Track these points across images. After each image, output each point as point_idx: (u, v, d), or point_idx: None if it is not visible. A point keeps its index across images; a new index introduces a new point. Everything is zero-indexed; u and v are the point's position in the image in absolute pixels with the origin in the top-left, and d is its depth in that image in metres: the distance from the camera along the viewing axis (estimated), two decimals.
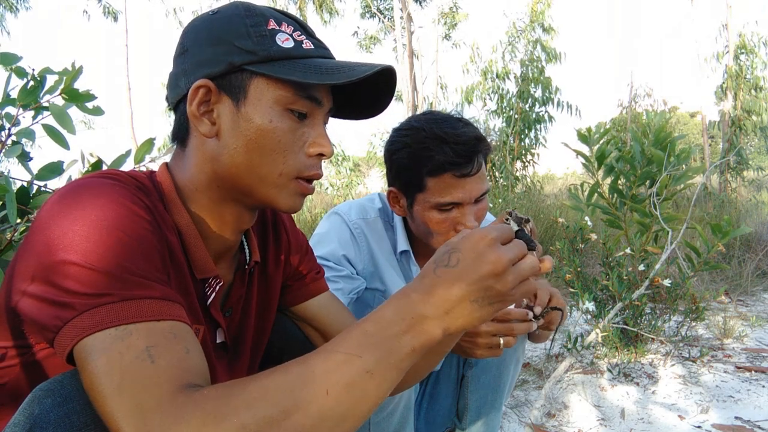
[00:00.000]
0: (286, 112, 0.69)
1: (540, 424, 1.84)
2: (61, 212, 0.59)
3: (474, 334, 1.04)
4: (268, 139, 0.69)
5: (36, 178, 1.26)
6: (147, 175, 0.73)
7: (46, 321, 0.55)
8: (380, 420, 1.15)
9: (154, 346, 0.54)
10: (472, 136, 1.17)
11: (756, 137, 8.57)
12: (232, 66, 0.68)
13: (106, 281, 0.55)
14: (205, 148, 0.71)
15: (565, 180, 10.44)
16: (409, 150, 1.18)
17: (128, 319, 0.54)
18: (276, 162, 0.70)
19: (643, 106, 8.74)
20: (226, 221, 0.75)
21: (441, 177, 1.15)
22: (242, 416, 0.49)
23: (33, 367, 0.65)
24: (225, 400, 0.50)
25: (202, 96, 0.69)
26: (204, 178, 0.72)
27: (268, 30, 0.69)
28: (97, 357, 0.52)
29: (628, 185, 2.62)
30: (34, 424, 0.52)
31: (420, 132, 1.18)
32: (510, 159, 6.73)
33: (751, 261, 3.97)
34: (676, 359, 2.41)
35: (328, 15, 14.80)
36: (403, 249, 1.32)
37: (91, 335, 0.53)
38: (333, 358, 0.54)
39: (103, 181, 0.63)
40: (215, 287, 0.76)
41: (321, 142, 0.72)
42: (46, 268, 0.56)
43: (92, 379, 0.52)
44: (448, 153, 1.13)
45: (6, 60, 1.23)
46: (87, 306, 0.54)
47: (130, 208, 0.61)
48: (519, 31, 7.14)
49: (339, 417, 0.53)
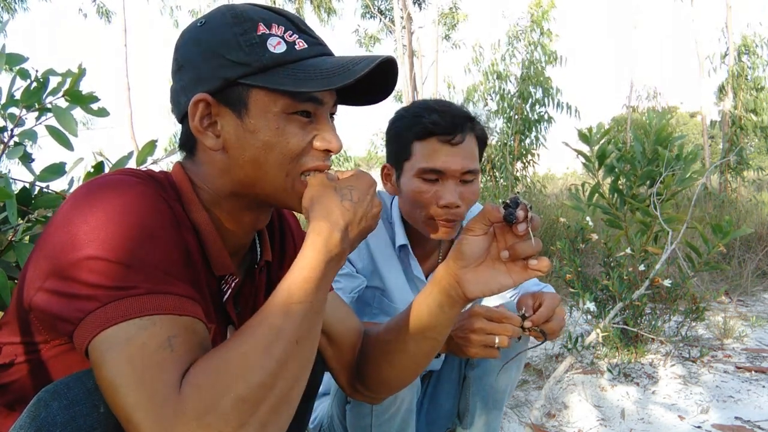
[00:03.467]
0: (291, 116, 0.69)
1: (540, 424, 1.85)
2: (85, 210, 0.59)
3: (469, 330, 1.04)
4: (277, 146, 0.69)
5: (38, 179, 1.26)
6: (163, 174, 0.73)
7: (67, 313, 0.56)
8: (383, 422, 1.15)
9: (176, 336, 0.55)
10: (463, 111, 1.25)
11: (756, 137, 8.57)
12: (227, 81, 0.67)
13: (131, 275, 0.57)
14: (216, 162, 0.72)
15: (565, 180, 10.43)
16: (403, 119, 1.27)
17: (153, 311, 0.56)
18: (284, 165, 0.70)
19: (643, 107, 8.74)
20: (244, 222, 0.76)
21: (427, 141, 1.22)
22: (238, 389, 0.53)
23: (40, 366, 0.65)
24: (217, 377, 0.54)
25: (203, 110, 0.69)
26: (223, 188, 0.73)
27: (258, 36, 0.67)
28: (119, 347, 0.53)
29: (629, 185, 2.62)
30: (41, 426, 0.52)
31: (414, 106, 1.28)
32: (510, 159, 6.72)
33: (751, 261, 3.97)
34: (676, 359, 2.42)
35: (326, 14, 14.79)
36: (401, 243, 1.33)
37: (113, 326, 0.54)
38: (294, 310, 0.61)
39: (126, 179, 0.64)
40: (231, 284, 0.77)
41: (327, 138, 0.72)
42: (67, 264, 0.57)
43: (112, 370, 0.52)
44: (435, 118, 1.20)
45: (11, 61, 1.23)
46: (112, 297, 0.55)
47: (153, 206, 0.62)
48: (520, 32, 7.14)
49: (308, 360, 0.62)
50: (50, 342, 0.64)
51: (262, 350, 0.57)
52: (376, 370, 0.89)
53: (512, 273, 0.76)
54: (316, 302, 0.64)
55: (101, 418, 0.54)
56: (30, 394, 0.56)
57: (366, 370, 0.90)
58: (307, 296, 0.62)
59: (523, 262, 0.75)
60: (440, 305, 0.80)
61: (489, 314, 1.04)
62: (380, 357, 0.88)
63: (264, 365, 0.56)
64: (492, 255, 0.77)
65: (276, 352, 0.57)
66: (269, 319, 0.59)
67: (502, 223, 0.73)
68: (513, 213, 0.72)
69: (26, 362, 0.65)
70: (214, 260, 0.73)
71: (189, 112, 0.69)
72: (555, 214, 2.58)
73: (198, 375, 0.54)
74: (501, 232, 0.76)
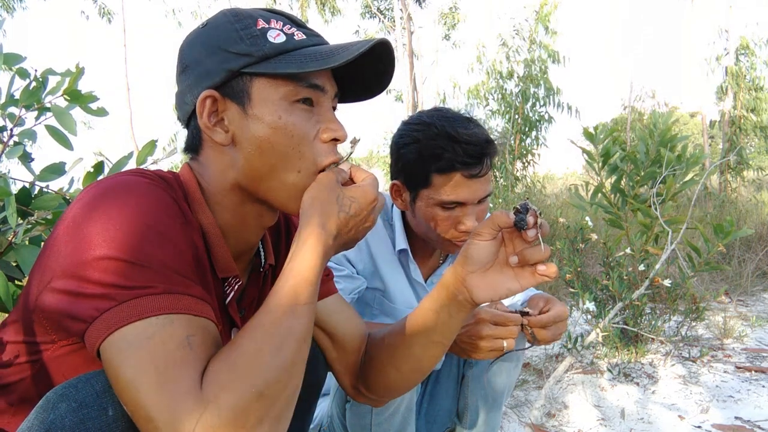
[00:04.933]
0: (294, 104, 0.70)
1: (540, 424, 1.85)
2: (96, 210, 0.59)
3: (476, 337, 1.04)
4: (281, 136, 0.69)
5: (38, 179, 1.26)
6: (172, 175, 0.74)
7: (80, 312, 0.56)
8: (382, 421, 1.15)
9: (194, 335, 0.56)
10: (483, 137, 1.17)
11: (756, 137, 8.57)
12: (231, 72, 0.69)
13: (147, 275, 0.57)
14: (223, 157, 0.72)
15: (565, 180, 10.43)
16: (419, 145, 1.18)
17: (171, 309, 0.56)
18: (292, 158, 0.70)
19: (644, 107, 8.74)
20: (247, 223, 0.76)
21: (449, 175, 1.16)
22: (258, 386, 0.55)
23: (46, 366, 0.65)
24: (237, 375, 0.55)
25: (210, 106, 0.70)
26: (227, 184, 0.73)
27: (258, 30, 0.70)
28: (138, 345, 0.53)
29: (631, 185, 2.62)
30: (49, 429, 0.52)
31: (431, 128, 1.18)
32: (510, 159, 6.72)
33: (751, 261, 3.97)
34: (676, 359, 2.42)
35: (330, 14, 14.80)
36: (401, 248, 1.32)
37: (130, 324, 0.54)
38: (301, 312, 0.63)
39: (137, 179, 0.64)
40: (234, 286, 0.77)
41: (333, 126, 0.72)
42: (80, 264, 0.57)
43: (132, 368, 0.52)
44: (458, 153, 1.14)
45: (9, 60, 1.23)
46: (128, 296, 0.55)
47: (164, 206, 0.63)
48: (523, 31, 7.14)
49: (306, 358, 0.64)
50: (57, 342, 0.64)
51: (276, 348, 0.58)
52: (382, 373, 0.89)
53: (520, 278, 0.76)
54: (314, 303, 0.65)
55: (110, 421, 0.53)
56: (34, 394, 0.56)
57: (371, 374, 0.90)
58: (310, 297, 0.64)
59: (531, 268, 0.75)
60: (447, 309, 0.80)
61: (495, 319, 1.04)
62: (386, 361, 0.88)
63: (278, 363, 0.58)
64: (500, 260, 0.77)
65: (288, 350, 0.59)
66: (280, 318, 0.61)
67: (512, 228, 0.74)
68: (524, 219, 0.72)
69: (31, 362, 0.65)
70: (217, 261, 0.73)
71: (197, 110, 0.70)
72: (555, 214, 2.58)
73: (218, 373, 0.54)
74: (509, 237, 0.77)
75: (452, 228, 1.21)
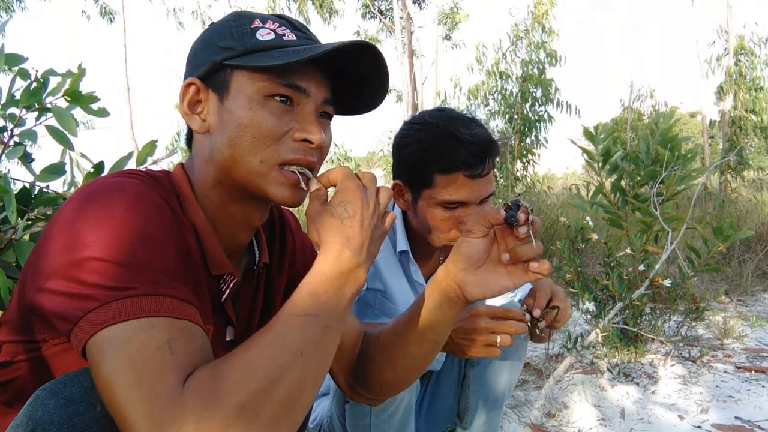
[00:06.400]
0: (268, 99, 0.70)
1: (540, 424, 1.85)
2: (86, 211, 0.60)
3: (472, 332, 1.04)
4: (250, 128, 0.69)
5: (38, 179, 1.26)
6: (164, 174, 0.74)
7: (66, 312, 0.56)
8: (382, 421, 1.15)
9: (175, 339, 0.55)
10: (486, 137, 1.17)
11: (756, 137, 8.56)
12: (214, 64, 0.71)
13: (130, 276, 0.57)
14: (204, 149, 0.74)
15: (565, 180, 10.42)
16: (421, 145, 1.18)
17: (151, 312, 0.56)
18: (257, 149, 0.70)
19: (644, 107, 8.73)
20: (236, 218, 0.76)
21: (451, 175, 1.16)
22: (238, 395, 0.53)
23: (39, 364, 0.65)
24: (219, 383, 0.53)
25: (193, 95, 0.73)
26: (209, 177, 0.74)
27: (250, 28, 0.72)
28: (118, 347, 0.53)
29: (632, 185, 2.62)
30: (37, 425, 0.52)
31: (433, 128, 1.18)
32: (510, 159, 6.73)
33: (751, 261, 3.97)
34: (676, 359, 2.42)
35: (328, 14, 14.79)
36: (402, 249, 1.32)
37: (112, 326, 0.54)
38: (297, 322, 0.61)
39: (127, 180, 0.64)
40: (230, 283, 0.77)
41: (307, 128, 0.71)
42: (69, 265, 0.57)
43: (110, 369, 0.52)
44: (462, 153, 1.13)
45: (10, 61, 1.23)
46: (110, 298, 0.55)
47: (154, 207, 0.63)
48: (521, 31, 7.15)
49: (315, 373, 0.61)
50: (49, 341, 0.64)
51: (266, 359, 0.57)
52: (377, 372, 0.89)
53: (512, 275, 0.76)
54: (324, 316, 0.63)
55: (98, 417, 0.54)
56: (29, 393, 0.56)
57: (367, 372, 0.90)
58: (311, 309, 0.62)
59: (523, 265, 0.75)
60: (440, 307, 0.80)
61: (492, 312, 1.04)
62: (381, 359, 0.88)
63: (265, 374, 0.55)
64: (492, 257, 0.77)
65: (278, 362, 0.57)
66: (274, 329, 0.60)
67: (503, 225, 0.73)
68: (514, 216, 0.71)
69: (25, 361, 0.66)
70: (210, 259, 0.73)
71: (179, 96, 0.73)
72: (555, 213, 2.58)
73: (200, 379, 0.53)
74: (501, 234, 0.76)
75: (453, 227, 1.21)
